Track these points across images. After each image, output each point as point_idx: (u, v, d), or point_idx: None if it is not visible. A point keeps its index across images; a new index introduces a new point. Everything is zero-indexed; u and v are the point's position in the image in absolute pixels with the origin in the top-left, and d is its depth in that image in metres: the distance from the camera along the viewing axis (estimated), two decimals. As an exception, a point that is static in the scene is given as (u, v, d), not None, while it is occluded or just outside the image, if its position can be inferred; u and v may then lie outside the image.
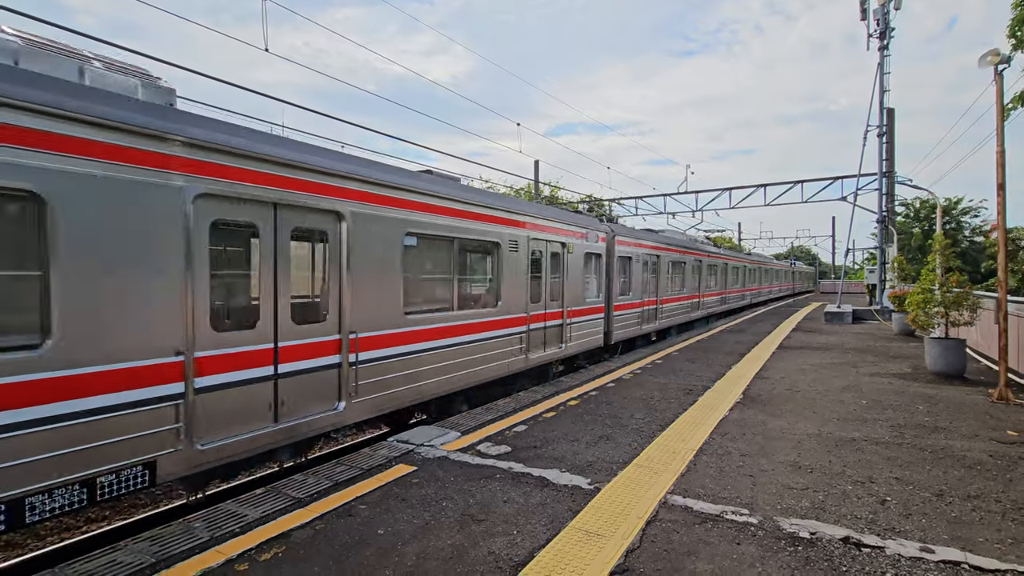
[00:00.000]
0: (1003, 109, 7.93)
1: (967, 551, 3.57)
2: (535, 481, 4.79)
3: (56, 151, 3.79)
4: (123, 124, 4.14)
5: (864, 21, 21.77)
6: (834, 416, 7.03)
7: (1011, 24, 7.51)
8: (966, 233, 45.11)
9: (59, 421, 3.81)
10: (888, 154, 21.64)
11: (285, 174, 5.41)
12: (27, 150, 3.65)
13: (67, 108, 3.82)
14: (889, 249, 22.66)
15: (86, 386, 3.93)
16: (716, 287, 24.48)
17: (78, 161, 3.90)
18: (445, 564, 3.41)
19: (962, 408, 7.49)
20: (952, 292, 9.92)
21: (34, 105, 3.66)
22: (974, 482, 4.81)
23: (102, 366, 4.02)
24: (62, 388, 3.81)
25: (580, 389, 8.58)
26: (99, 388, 4.00)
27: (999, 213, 8.16)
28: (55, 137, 3.78)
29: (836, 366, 11.00)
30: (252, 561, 3.46)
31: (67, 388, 3.84)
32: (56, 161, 3.79)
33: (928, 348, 10.18)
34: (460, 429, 6.39)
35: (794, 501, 4.38)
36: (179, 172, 4.53)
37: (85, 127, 3.94)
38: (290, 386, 5.45)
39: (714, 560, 3.45)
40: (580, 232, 11.74)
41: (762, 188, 27.84)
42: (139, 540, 3.73)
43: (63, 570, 3.37)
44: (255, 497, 4.48)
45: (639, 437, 6.06)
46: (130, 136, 4.19)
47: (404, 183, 6.93)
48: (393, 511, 4.18)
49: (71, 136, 3.86)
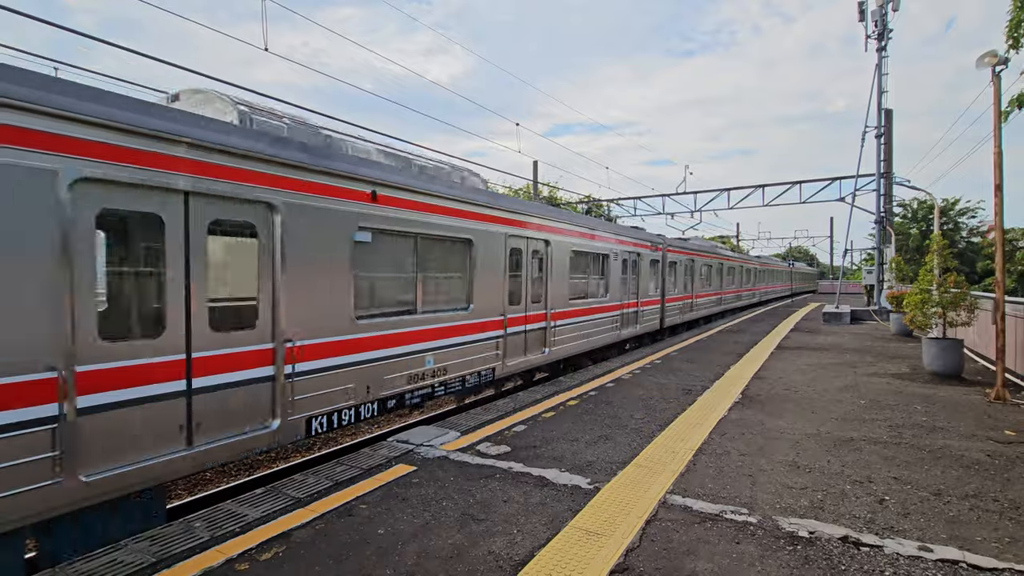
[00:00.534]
0: (1000, 111, 7.95)
1: (965, 550, 3.59)
2: (535, 481, 4.80)
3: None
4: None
5: (862, 22, 21.85)
6: (832, 416, 7.05)
7: (1009, 25, 7.54)
8: (963, 234, 45.25)
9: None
10: (886, 155, 21.71)
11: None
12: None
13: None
14: (887, 250, 22.72)
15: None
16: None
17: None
18: (445, 563, 3.42)
19: (960, 408, 7.52)
20: (950, 292, 9.96)
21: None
22: (972, 481, 4.83)
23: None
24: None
25: (579, 389, 8.59)
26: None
27: (997, 214, 8.19)
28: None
29: (834, 366, 11.03)
30: (253, 561, 3.46)
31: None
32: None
33: (926, 348, 10.21)
34: (460, 429, 6.39)
35: (793, 500, 4.39)
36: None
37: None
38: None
39: (714, 559, 3.46)
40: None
41: (760, 189, 27.91)
42: (139, 540, 3.73)
43: (63, 569, 3.37)
44: (255, 497, 4.48)
45: (639, 437, 6.07)
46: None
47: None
48: (393, 511, 4.19)
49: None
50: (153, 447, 4.36)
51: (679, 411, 7.22)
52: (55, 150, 3.75)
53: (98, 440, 4.01)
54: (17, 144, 3.57)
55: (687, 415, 7.03)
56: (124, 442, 4.17)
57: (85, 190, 3.92)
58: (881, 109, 21.53)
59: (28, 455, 3.63)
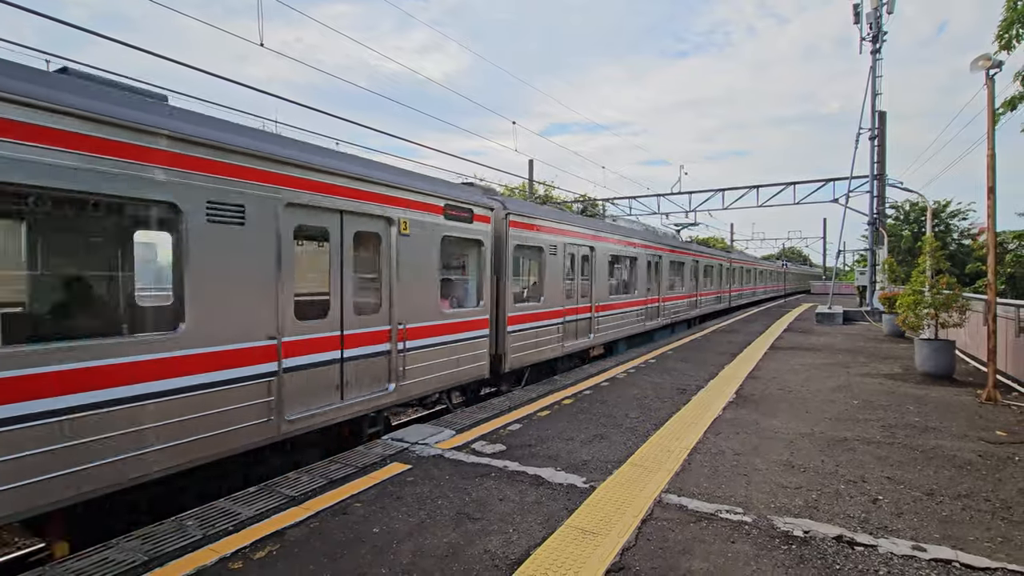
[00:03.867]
0: (994, 113, 8.01)
1: (958, 550, 3.61)
2: (530, 479, 4.79)
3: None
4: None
5: (857, 24, 21.95)
6: (826, 416, 7.08)
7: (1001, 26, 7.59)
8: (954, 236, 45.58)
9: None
10: (879, 157, 21.84)
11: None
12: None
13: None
14: (880, 251, 22.87)
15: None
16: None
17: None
18: (441, 562, 3.40)
19: (952, 408, 7.58)
20: (942, 294, 10.03)
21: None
22: (964, 481, 4.86)
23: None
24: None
25: (574, 388, 8.59)
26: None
27: (989, 216, 8.24)
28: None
29: (828, 366, 11.09)
30: (246, 559, 3.43)
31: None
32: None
33: (918, 349, 10.29)
34: (455, 427, 6.38)
35: (788, 500, 4.41)
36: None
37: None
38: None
39: (709, 558, 3.47)
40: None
41: (755, 189, 28.04)
42: (131, 538, 3.69)
43: (53, 568, 3.33)
44: (248, 495, 4.45)
45: (634, 436, 6.08)
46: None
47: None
48: (388, 509, 4.16)
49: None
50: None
51: (674, 410, 7.24)
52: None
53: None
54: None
55: (682, 414, 7.04)
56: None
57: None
58: (875, 111, 21.66)
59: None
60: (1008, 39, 7.60)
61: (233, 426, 4.90)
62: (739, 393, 8.36)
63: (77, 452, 3.86)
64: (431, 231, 7.48)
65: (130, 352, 4.21)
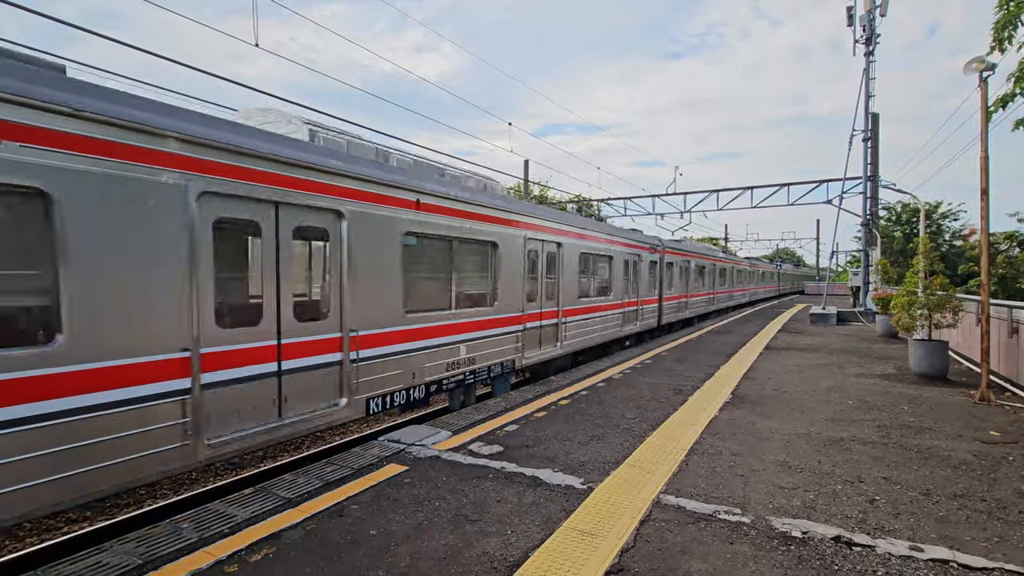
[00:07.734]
0: (987, 115, 8.06)
1: (955, 550, 3.62)
2: (528, 481, 4.77)
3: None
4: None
5: (851, 27, 22.09)
6: (822, 416, 7.11)
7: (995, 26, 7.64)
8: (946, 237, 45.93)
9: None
10: (873, 158, 21.97)
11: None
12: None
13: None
14: (873, 252, 23.01)
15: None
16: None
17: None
18: (439, 564, 3.38)
19: (946, 409, 7.62)
20: (936, 295, 10.09)
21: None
22: (959, 482, 4.89)
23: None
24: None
25: (571, 389, 8.58)
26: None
27: (982, 218, 8.29)
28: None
29: (822, 367, 11.13)
30: (242, 562, 3.40)
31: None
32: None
33: (912, 349, 10.34)
34: (451, 428, 6.35)
35: (785, 500, 4.41)
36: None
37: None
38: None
39: (708, 559, 3.46)
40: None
41: (749, 190, 28.15)
42: (125, 541, 3.65)
43: (46, 572, 3.28)
44: (244, 497, 4.41)
45: (631, 437, 6.07)
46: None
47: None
48: (385, 511, 4.14)
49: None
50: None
51: (671, 411, 7.24)
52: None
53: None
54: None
55: (679, 415, 7.05)
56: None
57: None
58: (868, 113, 21.80)
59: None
60: (1002, 39, 7.65)
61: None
62: (735, 394, 8.38)
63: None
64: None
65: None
